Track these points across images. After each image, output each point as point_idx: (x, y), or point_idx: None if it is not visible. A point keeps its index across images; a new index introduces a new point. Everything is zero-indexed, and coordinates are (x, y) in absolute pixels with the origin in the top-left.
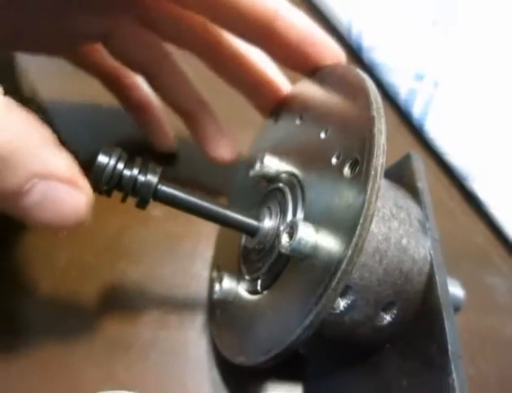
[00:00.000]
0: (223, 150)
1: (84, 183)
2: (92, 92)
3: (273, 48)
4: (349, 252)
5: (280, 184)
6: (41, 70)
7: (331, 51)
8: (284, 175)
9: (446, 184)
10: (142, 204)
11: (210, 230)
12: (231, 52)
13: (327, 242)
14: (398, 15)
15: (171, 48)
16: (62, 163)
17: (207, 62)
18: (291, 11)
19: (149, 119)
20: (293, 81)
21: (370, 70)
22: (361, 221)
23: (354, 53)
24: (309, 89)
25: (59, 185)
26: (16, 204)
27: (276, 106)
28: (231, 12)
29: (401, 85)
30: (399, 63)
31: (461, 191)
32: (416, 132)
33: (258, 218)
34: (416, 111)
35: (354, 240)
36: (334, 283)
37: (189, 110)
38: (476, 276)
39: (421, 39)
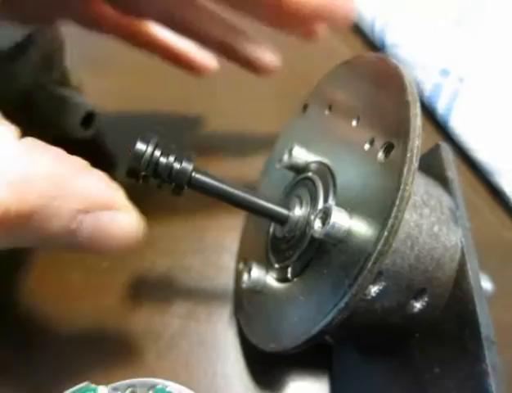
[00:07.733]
0: (267, 60)
1: (125, 201)
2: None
3: (284, 23)
4: (385, 233)
5: (310, 173)
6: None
7: (342, 17)
8: (313, 165)
9: (471, 180)
10: (178, 190)
11: (235, 223)
12: None
13: (361, 226)
14: (422, 13)
15: None
16: (99, 188)
17: None
18: None
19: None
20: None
21: None
22: (397, 202)
23: (377, 50)
24: (338, 79)
25: (105, 213)
26: (70, 241)
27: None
28: None
29: (426, 81)
30: (423, 59)
31: (487, 186)
32: (441, 128)
33: (287, 207)
34: (440, 107)
35: (390, 221)
36: (370, 264)
37: (220, 41)
38: (503, 271)
39: (446, 36)
